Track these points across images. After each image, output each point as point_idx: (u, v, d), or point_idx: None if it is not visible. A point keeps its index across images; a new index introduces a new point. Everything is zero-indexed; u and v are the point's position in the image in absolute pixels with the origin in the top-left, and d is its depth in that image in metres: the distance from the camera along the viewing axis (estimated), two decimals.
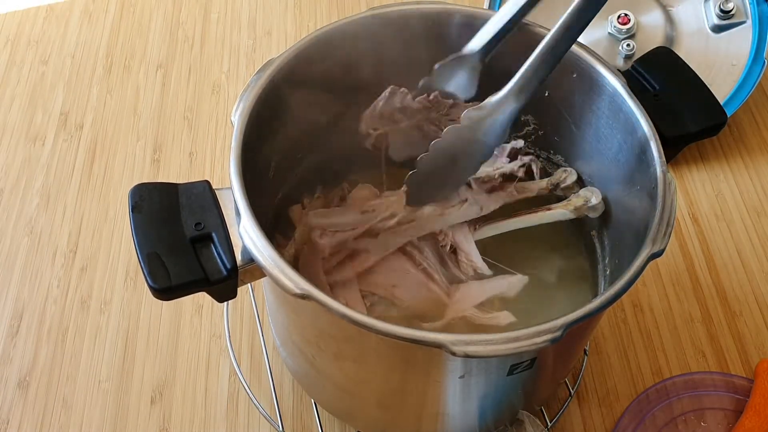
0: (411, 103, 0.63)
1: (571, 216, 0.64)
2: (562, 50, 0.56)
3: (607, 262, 0.65)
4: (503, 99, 0.57)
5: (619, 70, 0.59)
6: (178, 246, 0.49)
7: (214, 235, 0.50)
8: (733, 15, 0.90)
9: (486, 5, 0.94)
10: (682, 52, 0.89)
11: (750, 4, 0.90)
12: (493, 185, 0.67)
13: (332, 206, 0.68)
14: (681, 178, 0.89)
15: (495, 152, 0.66)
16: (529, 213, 0.65)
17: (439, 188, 0.64)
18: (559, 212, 0.64)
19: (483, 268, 0.65)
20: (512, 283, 0.65)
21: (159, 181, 0.83)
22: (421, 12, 0.62)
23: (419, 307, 0.64)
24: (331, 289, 0.63)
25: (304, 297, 0.48)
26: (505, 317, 0.63)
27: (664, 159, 0.54)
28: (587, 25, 0.55)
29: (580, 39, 0.57)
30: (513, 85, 0.57)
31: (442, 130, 0.59)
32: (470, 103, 0.63)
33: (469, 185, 0.66)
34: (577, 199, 0.64)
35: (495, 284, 0.64)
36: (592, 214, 0.65)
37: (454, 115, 0.64)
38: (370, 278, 0.63)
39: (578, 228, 0.68)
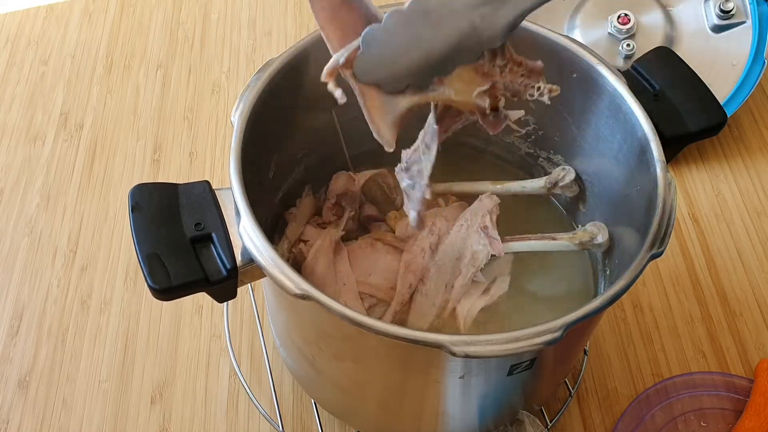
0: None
1: (574, 249, 0.64)
2: None
3: (607, 262, 0.65)
4: None
5: (619, 70, 0.59)
6: (178, 246, 0.49)
7: (214, 235, 0.50)
8: (733, 15, 0.90)
9: None
10: (682, 52, 0.89)
11: (750, 4, 0.90)
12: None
13: (320, 203, 0.69)
14: (681, 178, 0.89)
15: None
16: (534, 239, 0.65)
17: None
18: (563, 243, 0.64)
19: (478, 274, 0.65)
20: (500, 263, 0.65)
21: (159, 181, 0.83)
22: None
23: None
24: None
25: (304, 297, 0.48)
26: (503, 281, 0.64)
27: (664, 159, 0.54)
28: None
29: (579, 38, 0.56)
30: None
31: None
32: None
33: None
34: (583, 234, 0.64)
35: (487, 271, 0.65)
36: (596, 250, 0.64)
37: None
38: (368, 280, 0.63)
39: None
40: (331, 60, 0.49)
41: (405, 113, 0.50)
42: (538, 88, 0.49)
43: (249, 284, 0.65)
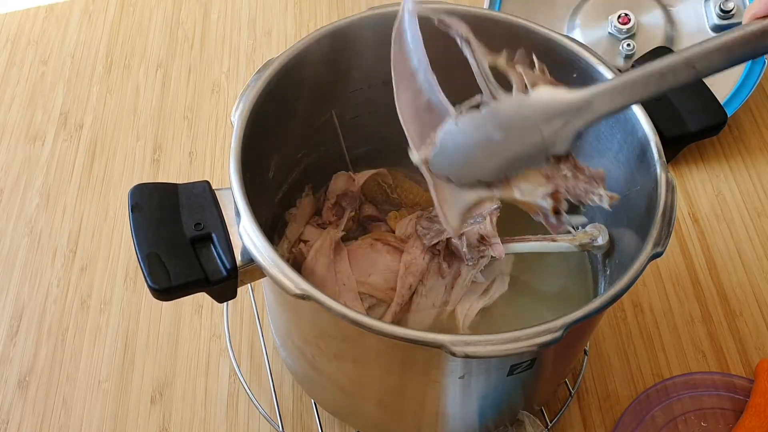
0: None
1: (575, 250, 0.64)
2: (678, 82, 0.45)
3: (607, 262, 0.65)
4: (585, 101, 0.46)
5: (619, 70, 0.59)
6: (178, 246, 0.49)
7: (213, 235, 0.50)
8: (733, 15, 0.90)
9: (486, 5, 0.94)
10: None
11: (750, 3, 0.90)
12: None
13: (320, 203, 0.69)
14: (681, 178, 0.89)
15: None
16: (534, 240, 0.65)
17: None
18: (563, 245, 0.64)
19: (478, 275, 0.65)
20: (500, 263, 0.65)
21: (159, 181, 0.83)
22: (422, 12, 0.62)
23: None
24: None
25: (304, 297, 0.48)
26: (502, 280, 0.64)
27: (664, 159, 0.54)
28: (719, 71, 0.44)
29: (579, 38, 0.56)
30: (605, 88, 0.45)
31: None
32: None
33: None
34: (583, 235, 0.64)
35: (487, 271, 0.65)
36: (597, 252, 0.64)
37: None
38: (367, 280, 0.63)
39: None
40: (416, 158, 0.53)
41: (472, 206, 0.53)
42: (599, 195, 0.50)
43: (249, 284, 0.65)
